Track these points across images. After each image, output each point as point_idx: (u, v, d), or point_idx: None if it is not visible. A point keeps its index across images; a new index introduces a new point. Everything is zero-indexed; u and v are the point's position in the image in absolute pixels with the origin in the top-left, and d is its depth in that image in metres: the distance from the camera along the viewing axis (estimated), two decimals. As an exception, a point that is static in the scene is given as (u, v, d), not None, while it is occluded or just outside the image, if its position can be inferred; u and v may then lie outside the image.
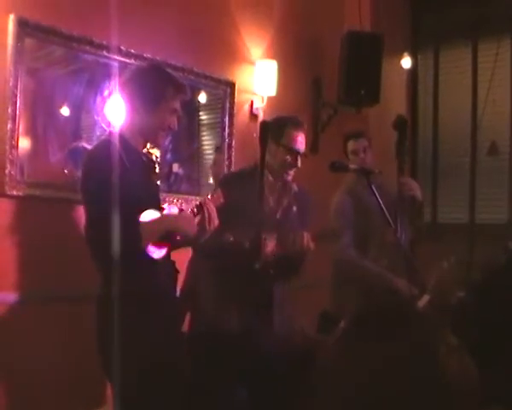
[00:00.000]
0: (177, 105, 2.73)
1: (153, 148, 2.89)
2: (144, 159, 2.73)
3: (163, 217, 2.61)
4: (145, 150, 2.79)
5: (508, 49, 5.28)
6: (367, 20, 5.20)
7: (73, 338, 3.32)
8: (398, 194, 3.36)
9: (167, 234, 2.49)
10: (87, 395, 3.40)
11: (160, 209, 2.69)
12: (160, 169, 3.03)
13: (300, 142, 3.21)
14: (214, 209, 2.67)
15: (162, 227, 2.50)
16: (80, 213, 3.44)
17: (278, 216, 3.27)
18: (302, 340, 3.30)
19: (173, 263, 2.76)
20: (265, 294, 3.08)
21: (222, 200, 2.73)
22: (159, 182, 2.98)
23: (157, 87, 2.67)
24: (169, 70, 2.89)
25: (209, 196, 2.74)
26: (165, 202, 3.60)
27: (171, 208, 2.88)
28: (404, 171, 3.63)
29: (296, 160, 3.20)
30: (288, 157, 3.18)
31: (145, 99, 2.65)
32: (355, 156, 3.86)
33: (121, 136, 2.64)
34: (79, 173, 2.70)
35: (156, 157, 2.92)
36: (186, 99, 2.82)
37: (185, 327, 3.15)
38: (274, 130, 3.11)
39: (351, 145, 3.92)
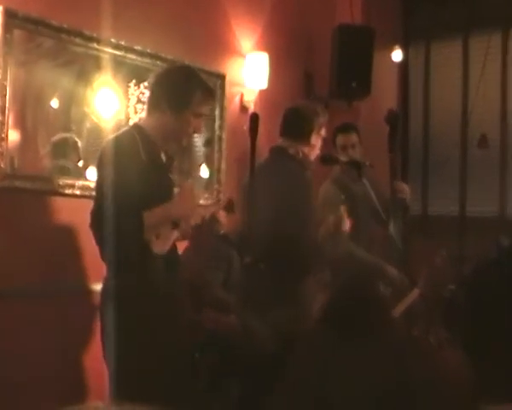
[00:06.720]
0: (203, 110, 2.72)
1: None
2: (163, 156, 2.71)
3: (164, 206, 2.58)
4: None
5: (498, 43, 5.29)
6: (358, 13, 5.18)
7: (57, 333, 3.31)
8: (390, 193, 3.36)
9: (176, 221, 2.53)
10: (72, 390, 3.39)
11: None
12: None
13: None
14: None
15: (165, 216, 2.50)
16: (69, 205, 3.45)
17: None
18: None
19: (177, 257, 2.74)
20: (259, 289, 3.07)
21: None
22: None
23: (185, 91, 2.64)
24: (200, 74, 2.86)
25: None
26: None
27: None
28: (396, 165, 3.63)
29: None
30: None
31: (172, 102, 2.62)
32: (344, 151, 3.81)
33: (143, 130, 2.62)
34: (97, 160, 2.66)
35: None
36: (212, 105, 2.82)
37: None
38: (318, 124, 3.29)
39: (340, 140, 3.88)
